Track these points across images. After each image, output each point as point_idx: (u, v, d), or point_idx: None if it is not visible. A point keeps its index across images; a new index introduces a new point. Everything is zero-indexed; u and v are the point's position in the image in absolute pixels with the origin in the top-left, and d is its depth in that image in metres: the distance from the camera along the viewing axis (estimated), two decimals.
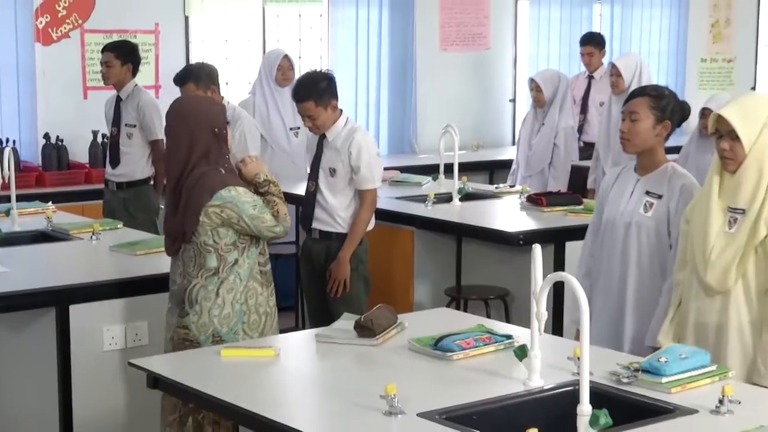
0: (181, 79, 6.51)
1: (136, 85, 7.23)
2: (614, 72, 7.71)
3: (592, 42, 9.38)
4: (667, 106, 4.45)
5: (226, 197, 4.22)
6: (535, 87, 7.87)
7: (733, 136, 3.84)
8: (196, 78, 6.45)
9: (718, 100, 6.59)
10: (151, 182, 7.26)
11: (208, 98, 4.60)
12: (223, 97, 6.63)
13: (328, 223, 5.75)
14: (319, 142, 5.80)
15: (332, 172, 5.72)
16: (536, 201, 6.48)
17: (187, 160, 4.29)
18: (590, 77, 9.30)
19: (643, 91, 4.52)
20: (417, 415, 3.15)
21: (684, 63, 11.19)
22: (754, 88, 11.38)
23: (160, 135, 7.14)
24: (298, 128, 7.57)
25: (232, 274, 4.27)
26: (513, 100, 10.31)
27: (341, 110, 5.81)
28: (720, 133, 3.90)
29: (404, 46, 9.58)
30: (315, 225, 5.79)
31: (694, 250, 3.95)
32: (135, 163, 7.20)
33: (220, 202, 4.22)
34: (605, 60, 9.41)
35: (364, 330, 3.91)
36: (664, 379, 3.38)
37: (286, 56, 7.84)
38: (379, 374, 3.49)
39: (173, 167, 4.35)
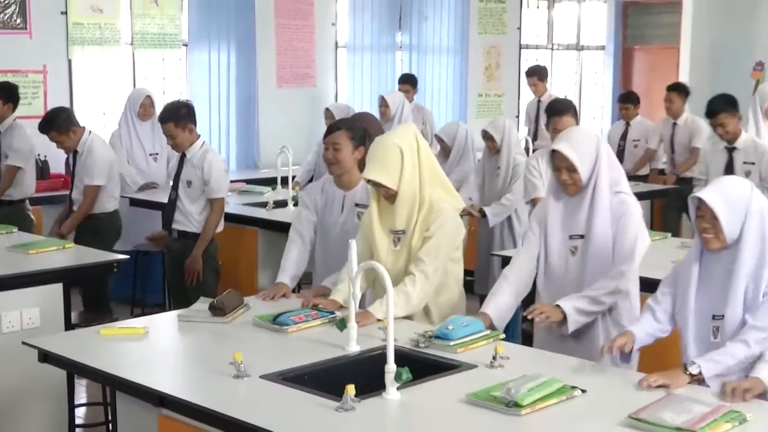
0: (44, 129, 6.27)
1: (15, 119, 6.87)
2: (383, 104, 7.79)
3: (409, 82, 9.41)
4: (358, 135, 4.40)
5: None
6: (330, 116, 7.86)
7: (378, 184, 3.84)
8: (57, 127, 6.21)
9: (494, 124, 6.68)
10: (26, 201, 6.90)
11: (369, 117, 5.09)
12: (84, 129, 6.36)
13: (185, 225, 5.67)
14: (180, 159, 5.72)
15: (189, 183, 5.64)
16: None
17: None
18: None
19: (339, 126, 4.45)
20: (260, 377, 3.13)
21: (465, 97, 11.38)
22: (517, 116, 11.69)
23: (19, 163, 6.77)
24: (157, 154, 7.45)
25: None
26: None
27: (199, 134, 5.73)
28: (372, 183, 3.87)
29: (248, 83, 9.47)
30: (174, 226, 5.71)
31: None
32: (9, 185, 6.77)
33: None
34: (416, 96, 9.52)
35: (217, 310, 3.85)
36: (452, 342, 3.43)
37: (148, 96, 7.61)
38: (229, 346, 3.43)
39: None
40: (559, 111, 5.51)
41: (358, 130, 4.44)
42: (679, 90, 8.39)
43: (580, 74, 13.08)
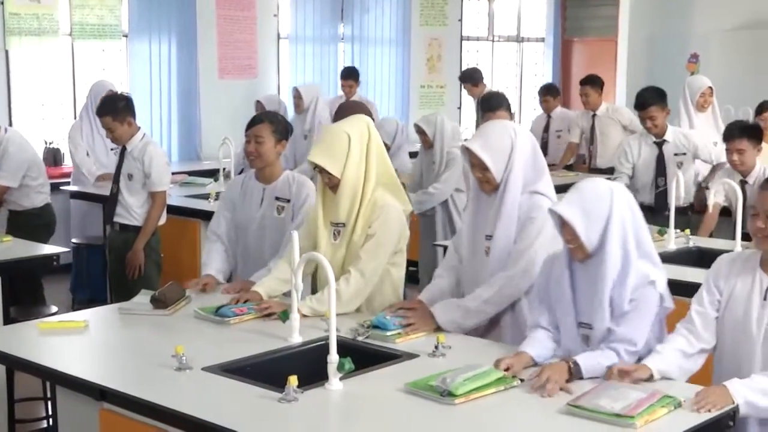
0: None
1: None
2: (296, 95, 7.75)
3: (352, 76, 9.33)
4: (280, 128, 4.34)
5: None
6: (260, 108, 7.80)
7: (322, 170, 3.78)
8: None
9: (426, 119, 6.67)
10: None
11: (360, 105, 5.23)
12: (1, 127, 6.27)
13: (127, 218, 5.60)
14: (121, 152, 5.64)
15: (130, 177, 5.57)
16: None
17: None
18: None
19: (262, 118, 4.36)
20: (202, 369, 3.11)
21: (408, 88, 11.40)
22: (459, 108, 11.74)
23: None
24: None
25: None
26: None
27: (139, 126, 5.65)
28: (317, 169, 3.80)
29: (190, 75, 9.39)
30: (116, 219, 5.64)
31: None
32: None
33: None
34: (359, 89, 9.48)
35: (159, 303, 3.82)
36: (389, 333, 3.44)
37: (110, 90, 7.41)
38: (171, 338, 3.41)
39: None
40: (493, 107, 5.45)
41: (280, 123, 4.38)
42: (593, 83, 8.33)
43: (521, 66, 13.18)
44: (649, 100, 6.11)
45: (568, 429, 2.68)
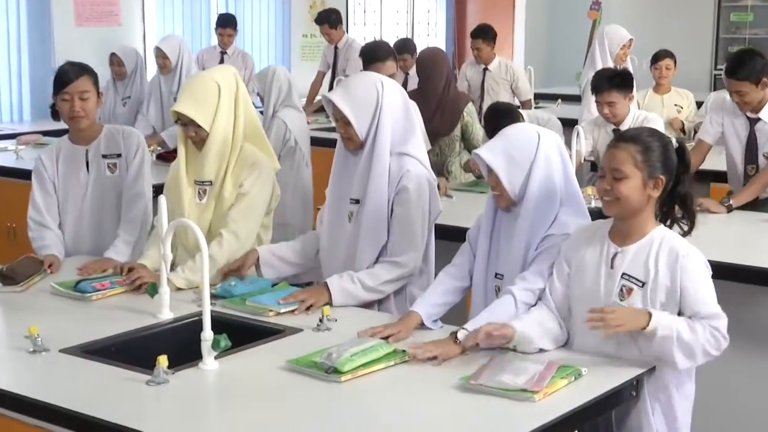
0: None
1: None
2: (160, 55, 7.42)
3: (230, 24, 9.12)
4: (97, 79, 4.20)
5: None
6: (116, 62, 7.62)
7: (193, 122, 3.74)
8: None
9: (259, 74, 6.38)
10: None
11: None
12: None
13: None
14: None
15: None
16: (166, 158, 6.40)
17: None
18: (223, 53, 9.12)
19: (82, 72, 4.14)
20: (60, 351, 3.05)
21: (289, 38, 11.29)
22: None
23: None
24: None
25: None
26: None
27: None
28: (182, 121, 3.77)
29: (42, 21, 9.08)
30: None
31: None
32: None
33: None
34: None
35: (7, 279, 3.71)
36: (233, 301, 3.46)
37: None
38: (24, 317, 3.31)
39: None
40: (380, 57, 5.28)
41: (95, 73, 4.20)
42: (485, 36, 8.25)
43: (412, 14, 13.20)
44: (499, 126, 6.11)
45: (462, 406, 2.70)
